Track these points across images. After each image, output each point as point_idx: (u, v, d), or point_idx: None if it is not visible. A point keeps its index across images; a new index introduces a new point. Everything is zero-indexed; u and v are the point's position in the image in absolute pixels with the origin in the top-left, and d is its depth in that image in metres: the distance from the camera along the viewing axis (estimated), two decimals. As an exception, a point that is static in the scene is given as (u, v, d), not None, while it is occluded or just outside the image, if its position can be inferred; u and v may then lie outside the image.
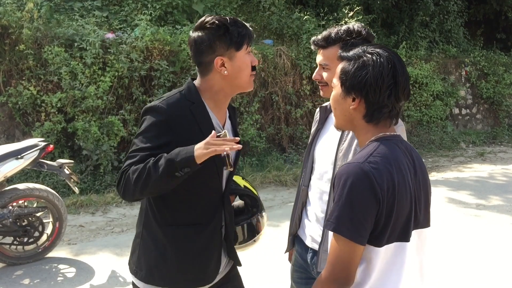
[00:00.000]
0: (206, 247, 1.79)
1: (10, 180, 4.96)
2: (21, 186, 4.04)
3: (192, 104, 1.73)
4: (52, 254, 4.21)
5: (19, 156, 3.85)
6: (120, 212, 5.63)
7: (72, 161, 4.37)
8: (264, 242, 2.08)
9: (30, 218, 4.02)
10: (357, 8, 9.04)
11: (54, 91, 6.25)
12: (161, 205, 1.75)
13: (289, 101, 8.32)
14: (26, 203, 4.10)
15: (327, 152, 1.92)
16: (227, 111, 1.90)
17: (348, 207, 1.31)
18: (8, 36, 6.22)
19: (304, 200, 2.03)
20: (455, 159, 9.31)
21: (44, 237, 4.13)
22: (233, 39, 1.69)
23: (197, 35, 1.72)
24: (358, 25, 1.86)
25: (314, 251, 1.93)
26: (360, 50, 1.44)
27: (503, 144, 11.01)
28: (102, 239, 4.77)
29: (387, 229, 1.33)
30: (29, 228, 4.01)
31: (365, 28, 1.86)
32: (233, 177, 1.92)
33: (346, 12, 8.99)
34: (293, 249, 2.13)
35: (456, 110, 11.34)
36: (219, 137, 1.67)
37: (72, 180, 4.15)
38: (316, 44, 1.90)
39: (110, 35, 6.75)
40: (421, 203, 1.44)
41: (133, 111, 6.71)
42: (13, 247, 4.02)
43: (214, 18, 1.70)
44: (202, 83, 1.78)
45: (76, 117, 6.22)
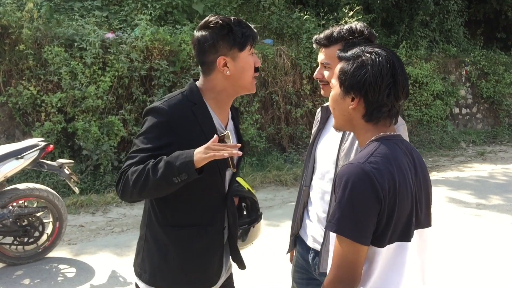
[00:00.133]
0: (209, 248, 1.78)
1: (10, 180, 4.96)
2: (21, 186, 4.03)
3: (194, 105, 1.72)
4: (52, 254, 4.20)
5: (19, 156, 3.85)
6: (120, 212, 5.63)
7: (72, 161, 4.37)
8: (264, 242, 2.08)
9: (30, 218, 4.02)
10: (357, 7, 9.03)
11: (54, 91, 6.25)
12: (163, 206, 1.74)
13: (289, 100, 8.31)
14: (26, 203, 4.09)
15: (329, 151, 1.91)
16: (229, 112, 1.89)
17: (350, 208, 1.30)
18: (8, 36, 6.22)
19: (306, 200, 2.02)
20: (455, 158, 9.31)
21: (44, 237, 4.13)
22: (237, 39, 1.69)
23: (201, 34, 1.71)
24: (360, 25, 1.85)
25: (315, 252, 1.93)
26: (358, 50, 1.43)
27: (503, 143, 11.02)
28: (102, 239, 4.77)
29: (388, 229, 1.33)
30: (29, 228, 4.00)
31: (367, 27, 1.86)
32: (236, 178, 1.90)
33: (346, 11, 8.98)
34: (294, 249, 2.13)
35: (456, 110, 11.34)
36: (222, 137, 1.66)
37: (72, 180, 4.15)
38: (318, 43, 1.90)
39: (110, 35, 6.74)
40: (422, 203, 1.44)
41: (133, 111, 6.71)
42: (13, 247, 4.02)
43: (218, 18, 1.70)
44: (204, 83, 1.77)
45: (76, 117, 6.22)
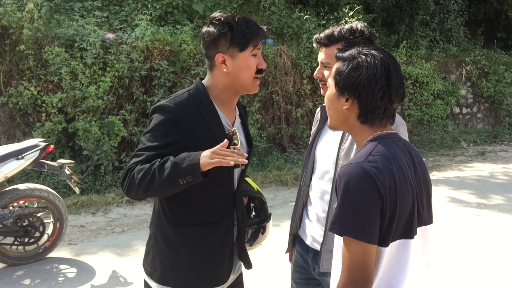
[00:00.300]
0: (219, 246, 1.78)
1: (10, 181, 4.96)
2: (22, 186, 4.04)
3: (200, 102, 1.73)
4: (53, 254, 4.20)
5: (19, 157, 3.85)
6: (121, 212, 5.63)
7: (73, 161, 4.37)
8: (264, 241, 2.08)
9: (30, 219, 4.02)
10: (358, 7, 9.04)
11: (55, 91, 6.25)
12: (173, 204, 1.75)
13: (289, 100, 8.32)
14: (26, 204, 4.10)
15: (329, 151, 1.91)
16: (237, 109, 1.90)
17: (352, 208, 1.30)
18: (8, 37, 6.22)
19: (305, 200, 2.02)
20: (455, 158, 9.30)
21: (44, 238, 4.13)
22: (235, 39, 1.69)
23: (206, 29, 1.74)
24: (361, 25, 1.85)
25: (315, 251, 1.93)
26: (355, 51, 1.44)
27: (504, 143, 11.01)
28: (103, 239, 4.77)
29: (391, 228, 1.33)
30: (29, 228, 4.01)
31: (368, 27, 1.86)
32: (244, 175, 1.91)
33: (346, 11, 8.98)
34: (293, 249, 2.12)
35: (457, 109, 11.34)
36: (229, 134, 1.70)
37: (72, 180, 4.15)
38: (318, 42, 1.90)
39: (110, 35, 6.75)
40: (423, 199, 1.44)
41: (134, 111, 6.71)
42: (13, 247, 4.02)
43: (222, 15, 1.71)
44: (209, 80, 1.80)
45: (77, 117, 6.22)
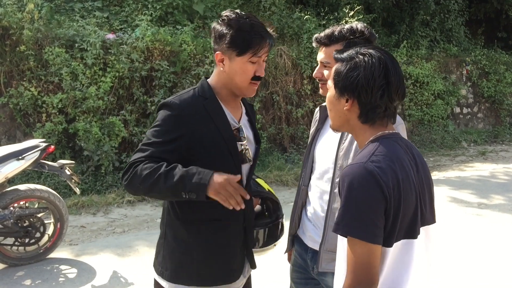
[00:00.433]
0: (229, 243, 1.79)
1: (11, 181, 4.96)
2: (22, 187, 4.04)
3: (205, 99, 1.75)
4: (54, 255, 4.21)
5: (20, 157, 3.85)
6: (122, 212, 5.63)
7: (73, 161, 4.37)
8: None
9: (31, 219, 4.02)
10: (358, 7, 9.03)
11: (55, 92, 6.25)
12: (183, 202, 1.75)
13: (290, 101, 8.32)
14: (27, 204, 4.10)
15: (328, 151, 1.91)
16: (243, 106, 1.91)
17: (357, 209, 1.30)
18: (8, 37, 6.23)
19: (304, 200, 2.02)
20: (456, 158, 9.30)
21: (45, 238, 4.13)
22: (235, 42, 1.69)
23: (214, 25, 1.76)
24: (361, 25, 1.86)
25: (314, 251, 1.92)
26: (353, 52, 1.44)
27: (504, 143, 11.01)
28: (104, 239, 4.77)
29: (395, 228, 1.33)
30: (30, 229, 4.01)
31: (367, 28, 1.86)
32: (253, 173, 1.91)
33: (346, 11, 8.98)
34: (292, 249, 2.12)
35: (457, 109, 11.33)
36: (236, 129, 1.74)
37: (73, 180, 4.15)
38: (318, 42, 1.90)
39: (110, 36, 6.75)
40: (425, 199, 1.44)
41: (134, 112, 6.71)
42: (14, 248, 4.02)
43: (229, 15, 1.71)
44: (213, 77, 1.82)
45: (77, 117, 6.23)
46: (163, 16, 8.11)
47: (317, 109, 2.07)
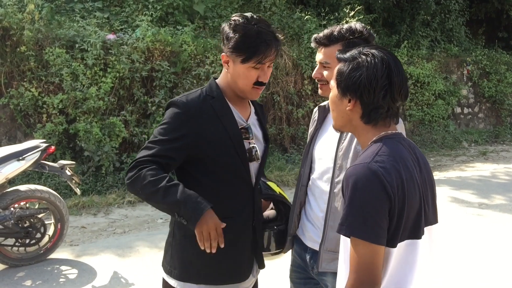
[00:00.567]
0: (238, 241, 1.79)
1: (11, 182, 4.96)
2: (23, 187, 4.04)
3: (212, 98, 1.76)
4: (54, 255, 4.21)
5: (20, 158, 3.86)
6: (122, 213, 5.63)
7: (74, 162, 4.37)
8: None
9: (32, 220, 4.02)
10: (358, 7, 9.03)
11: (56, 92, 6.26)
12: None
13: (290, 101, 8.31)
14: (28, 205, 4.10)
15: (327, 151, 1.90)
16: (251, 106, 1.92)
17: (361, 209, 1.30)
18: (9, 38, 6.23)
19: (303, 200, 2.01)
20: (457, 158, 9.29)
21: (46, 239, 4.13)
22: (239, 48, 1.69)
23: (224, 25, 1.76)
24: (359, 25, 1.86)
25: (313, 251, 1.92)
26: (356, 52, 1.43)
27: (505, 143, 11.00)
28: (104, 240, 4.77)
29: (399, 228, 1.32)
30: (31, 229, 4.01)
31: (366, 28, 1.86)
32: (262, 172, 1.92)
33: (347, 11, 8.97)
34: (291, 249, 2.12)
35: (458, 109, 11.32)
36: (244, 128, 1.77)
37: (73, 181, 4.15)
38: (317, 42, 1.89)
39: (111, 36, 6.75)
40: (428, 199, 1.44)
41: (135, 112, 6.71)
42: (15, 248, 4.02)
43: (237, 20, 1.71)
44: (221, 76, 1.83)
45: (78, 118, 6.23)
46: (164, 16, 8.11)
47: (316, 109, 2.07)
